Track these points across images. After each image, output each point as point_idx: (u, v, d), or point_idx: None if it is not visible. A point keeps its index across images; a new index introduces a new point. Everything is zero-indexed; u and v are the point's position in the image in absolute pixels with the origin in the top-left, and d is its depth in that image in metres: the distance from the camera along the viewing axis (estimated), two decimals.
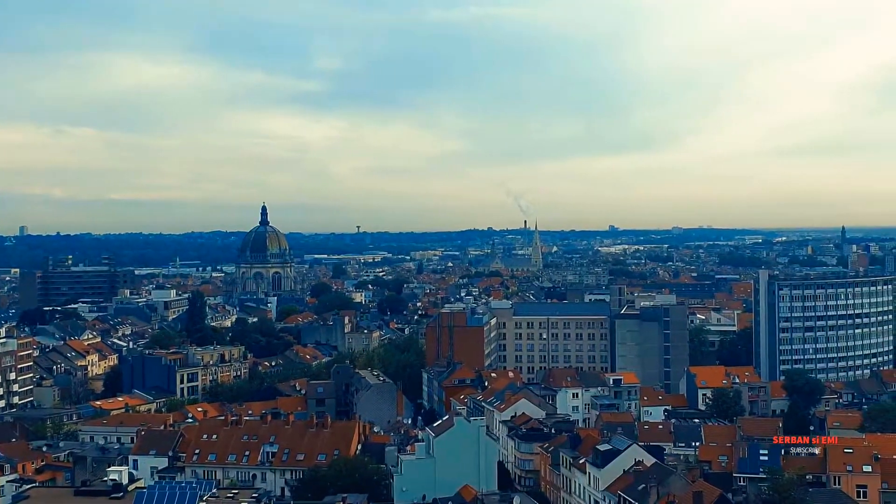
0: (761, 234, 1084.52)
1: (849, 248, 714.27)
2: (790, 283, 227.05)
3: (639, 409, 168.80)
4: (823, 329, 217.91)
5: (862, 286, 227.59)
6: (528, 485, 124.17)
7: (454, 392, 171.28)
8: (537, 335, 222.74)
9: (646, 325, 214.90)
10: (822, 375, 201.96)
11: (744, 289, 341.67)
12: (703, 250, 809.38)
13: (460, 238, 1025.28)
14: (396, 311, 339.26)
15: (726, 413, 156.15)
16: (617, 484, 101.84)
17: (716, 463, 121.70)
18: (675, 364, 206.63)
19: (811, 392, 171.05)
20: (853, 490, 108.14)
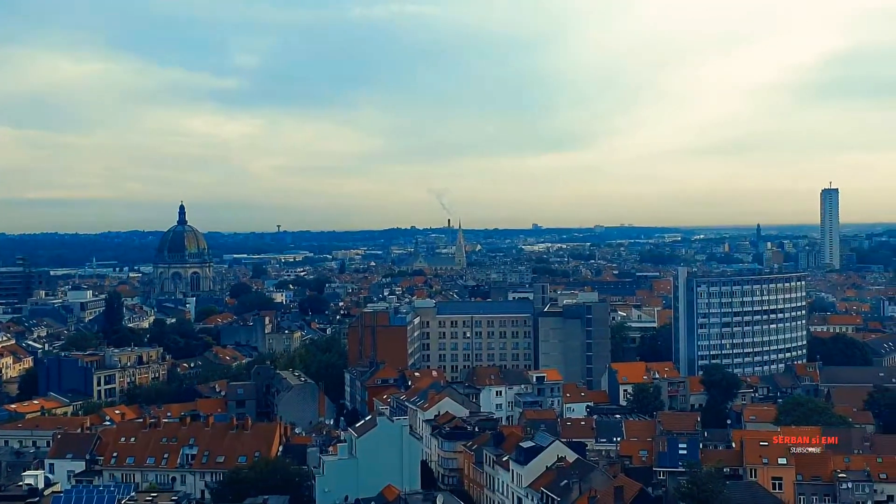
0: (680, 232, 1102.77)
1: (764, 246, 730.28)
2: (708, 280, 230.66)
3: (562, 405, 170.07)
4: (740, 325, 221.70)
5: (776, 282, 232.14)
6: (452, 483, 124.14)
7: (377, 392, 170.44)
8: (461, 334, 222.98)
9: (568, 323, 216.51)
10: (738, 370, 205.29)
11: (664, 286, 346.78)
12: (624, 248, 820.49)
13: (383, 237, 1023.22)
14: (318, 311, 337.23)
15: (647, 408, 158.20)
16: (540, 480, 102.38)
17: (636, 457, 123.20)
18: (597, 361, 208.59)
19: (728, 386, 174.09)
20: (769, 482, 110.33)
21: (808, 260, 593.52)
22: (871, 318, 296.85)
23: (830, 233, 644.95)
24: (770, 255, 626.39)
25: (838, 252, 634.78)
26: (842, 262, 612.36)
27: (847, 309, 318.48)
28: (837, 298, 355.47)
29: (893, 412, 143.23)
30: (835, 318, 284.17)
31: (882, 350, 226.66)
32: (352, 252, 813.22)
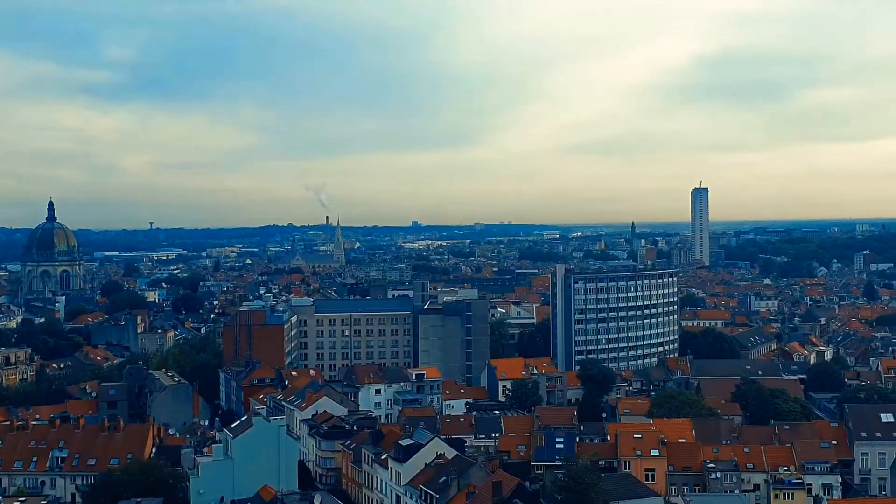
0: (558, 229, 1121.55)
1: (638, 243, 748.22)
2: (585, 276, 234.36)
3: (441, 402, 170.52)
4: (615, 320, 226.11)
5: (650, 278, 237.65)
6: (330, 483, 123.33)
7: (253, 392, 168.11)
8: (339, 332, 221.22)
9: (448, 320, 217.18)
10: (614, 364, 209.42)
11: (542, 283, 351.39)
12: (503, 245, 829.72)
13: (259, 234, 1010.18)
14: (192, 309, 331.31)
15: (525, 404, 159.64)
16: (419, 478, 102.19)
17: (515, 453, 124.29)
18: (476, 357, 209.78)
19: (604, 381, 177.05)
20: (642, 473, 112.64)
21: (679, 257, 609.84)
22: (739, 313, 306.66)
23: (701, 230, 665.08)
24: (644, 252, 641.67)
25: (708, 249, 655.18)
26: (711, 258, 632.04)
27: (716, 304, 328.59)
28: (707, 294, 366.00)
29: (759, 404, 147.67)
30: (704, 313, 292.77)
31: (749, 343, 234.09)
32: (227, 250, 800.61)
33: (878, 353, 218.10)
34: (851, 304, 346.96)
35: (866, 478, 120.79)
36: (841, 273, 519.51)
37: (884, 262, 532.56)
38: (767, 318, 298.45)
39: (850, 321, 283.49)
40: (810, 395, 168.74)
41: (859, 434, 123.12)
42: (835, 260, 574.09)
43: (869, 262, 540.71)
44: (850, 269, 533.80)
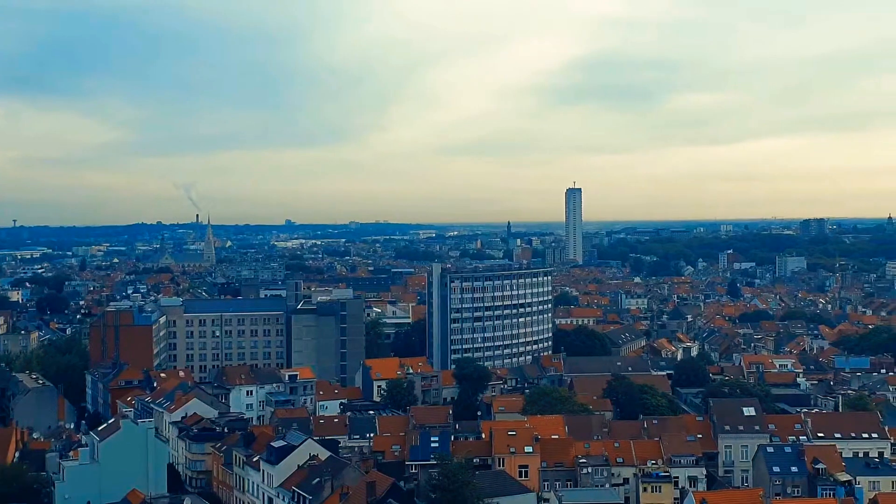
0: (435, 228, 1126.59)
1: (514, 242, 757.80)
2: (461, 275, 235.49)
3: (315, 403, 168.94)
4: (491, 318, 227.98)
5: (525, 277, 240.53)
6: (201, 486, 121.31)
7: (121, 394, 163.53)
8: (210, 333, 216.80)
9: (322, 320, 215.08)
10: (489, 363, 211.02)
11: (418, 282, 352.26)
12: (379, 244, 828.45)
13: (127, 232, 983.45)
14: (57, 310, 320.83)
15: (400, 403, 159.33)
16: (292, 479, 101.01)
17: (389, 452, 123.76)
18: (351, 357, 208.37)
19: (479, 379, 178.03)
20: (516, 470, 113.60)
21: (554, 256, 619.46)
22: (611, 311, 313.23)
23: (574, 230, 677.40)
24: (519, 251, 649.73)
25: (581, 248, 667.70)
26: (584, 257, 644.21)
27: (589, 302, 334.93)
28: (580, 292, 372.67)
29: (629, 399, 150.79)
30: (577, 311, 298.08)
31: (620, 340, 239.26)
32: (94, 248, 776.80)
33: (740, 348, 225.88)
34: (716, 301, 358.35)
35: (730, 470, 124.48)
36: (706, 272, 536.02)
37: (746, 262, 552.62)
38: (637, 316, 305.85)
39: (714, 318, 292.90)
40: (677, 390, 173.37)
41: (723, 427, 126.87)
42: (701, 259, 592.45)
43: (732, 261, 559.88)
44: (714, 268, 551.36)
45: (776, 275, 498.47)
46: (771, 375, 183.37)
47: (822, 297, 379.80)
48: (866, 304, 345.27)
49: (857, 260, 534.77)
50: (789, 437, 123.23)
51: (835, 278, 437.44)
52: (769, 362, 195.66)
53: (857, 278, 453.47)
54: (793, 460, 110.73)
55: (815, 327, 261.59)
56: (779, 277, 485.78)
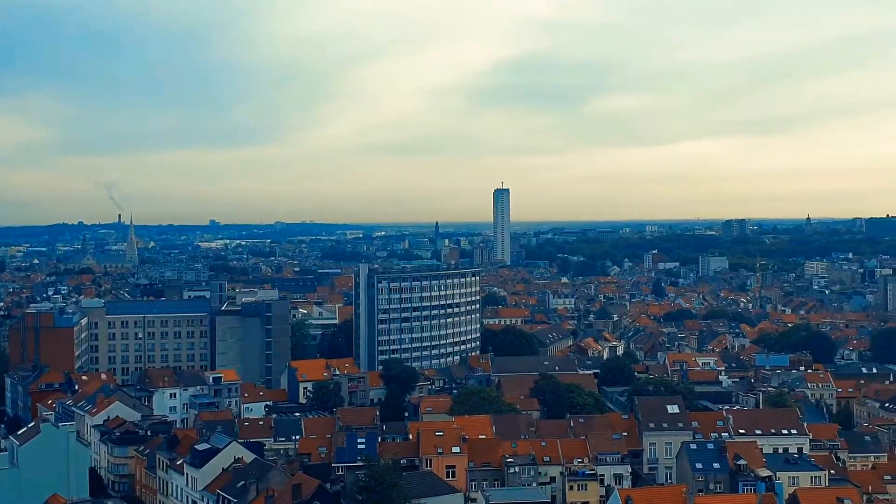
0: (362, 228, 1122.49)
1: (442, 243, 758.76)
2: (388, 276, 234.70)
3: (240, 405, 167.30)
4: (419, 319, 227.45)
5: (453, 278, 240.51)
6: (123, 490, 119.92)
7: (41, 397, 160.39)
8: (132, 335, 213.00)
9: (247, 322, 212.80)
10: (417, 363, 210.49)
11: (345, 282, 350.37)
12: (305, 245, 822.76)
13: (48, 233, 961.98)
14: None
15: (326, 405, 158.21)
16: (216, 483, 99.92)
17: (315, 455, 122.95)
18: (276, 359, 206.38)
19: (406, 380, 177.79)
20: (443, 470, 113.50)
21: (482, 256, 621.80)
22: (538, 311, 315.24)
23: (502, 230, 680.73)
24: (447, 251, 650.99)
25: (509, 249, 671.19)
26: (512, 258, 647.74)
27: (516, 302, 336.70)
28: (508, 292, 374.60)
29: (556, 398, 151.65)
30: (505, 311, 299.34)
31: (547, 340, 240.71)
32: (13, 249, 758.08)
33: (665, 347, 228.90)
34: (641, 301, 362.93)
35: (654, 466, 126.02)
36: (632, 271, 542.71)
37: (671, 262, 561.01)
38: (565, 316, 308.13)
39: (640, 317, 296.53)
40: (604, 388, 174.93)
41: (648, 425, 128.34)
42: (626, 259, 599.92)
43: (657, 261, 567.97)
44: (640, 268, 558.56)
45: (699, 274, 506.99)
46: (694, 373, 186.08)
47: (744, 296, 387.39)
48: (786, 303, 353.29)
49: (776, 260, 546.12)
50: (712, 434, 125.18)
51: (755, 278, 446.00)
52: (692, 360, 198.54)
53: (777, 278, 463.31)
54: (715, 457, 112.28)
55: (737, 326, 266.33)
56: (702, 277, 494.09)
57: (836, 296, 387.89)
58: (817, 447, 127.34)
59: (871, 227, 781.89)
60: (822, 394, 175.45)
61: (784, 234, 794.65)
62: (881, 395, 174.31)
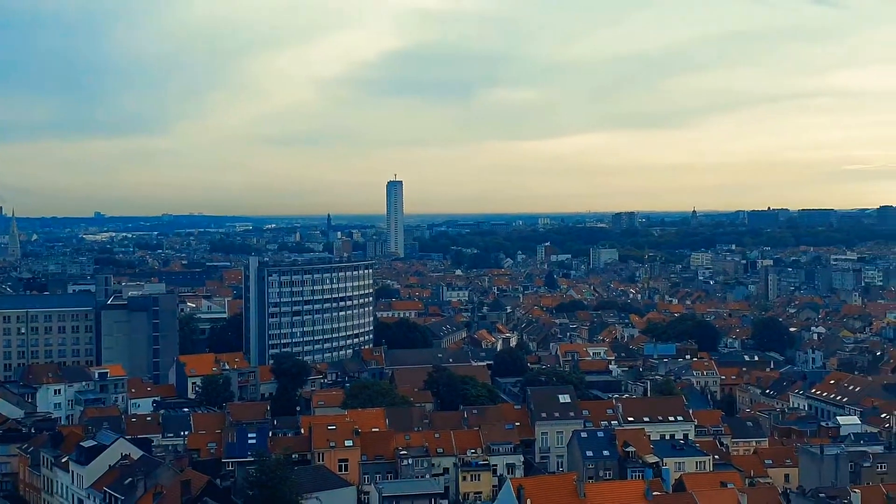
0: (251, 221, 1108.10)
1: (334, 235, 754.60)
2: (279, 269, 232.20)
3: (127, 401, 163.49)
4: (310, 312, 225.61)
5: (346, 271, 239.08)
6: (6, 489, 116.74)
7: None
8: (15, 330, 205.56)
9: (134, 316, 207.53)
10: (308, 357, 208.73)
11: (234, 276, 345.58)
12: (194, 237, 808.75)
13: None
14: None
15: (216, 400, 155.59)
16: (103, 480, 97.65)
17: (205, 450, 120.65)
18: (164, 354, 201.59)
19: (298, 374, 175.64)
20: (336, 464, 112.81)
21: (375, 249, 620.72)
22: (432, 303, 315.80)
23: (395, 223, 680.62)
24: (340, 244, 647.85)
25: (402, 241, 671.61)
26: (406, 250, 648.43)
27: (410, 295, 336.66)
28: (401, 285, 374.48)
29: (450, 390, 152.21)
30: (399, 304, 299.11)
31: (441, 332, 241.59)
32: None
33: (557, 338, 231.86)
34: (534, 292, 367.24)
35: (546, 456, 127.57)
36: (525, 264, 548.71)
37: (563, 254, 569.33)
38: (458, 308, 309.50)
39: (532, 309, 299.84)
40: (497, 379, 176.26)
41: (540, 415, 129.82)
42: (520, 251, 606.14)
43: (550, 253, 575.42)
44: (533, 260, 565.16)
45: (590, 266, 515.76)
46: (585, 363, 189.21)
47: (633, 287, 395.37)
48: (673, 294, 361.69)
49: (664, 252, 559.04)
50: (602, 423, 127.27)
51: (644, 269, 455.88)
52: (584, 351, 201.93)
53: (665, 269, 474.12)
54: (605, 444, 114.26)
55: (626, 316, 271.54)
56: (593, 269, 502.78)
57: (720, 286, 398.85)
58: (702, 433, 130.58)
59: (754, 219, 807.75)
60: (706, 381, 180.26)
61: (671, 226, 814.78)
62: (762, 382, 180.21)
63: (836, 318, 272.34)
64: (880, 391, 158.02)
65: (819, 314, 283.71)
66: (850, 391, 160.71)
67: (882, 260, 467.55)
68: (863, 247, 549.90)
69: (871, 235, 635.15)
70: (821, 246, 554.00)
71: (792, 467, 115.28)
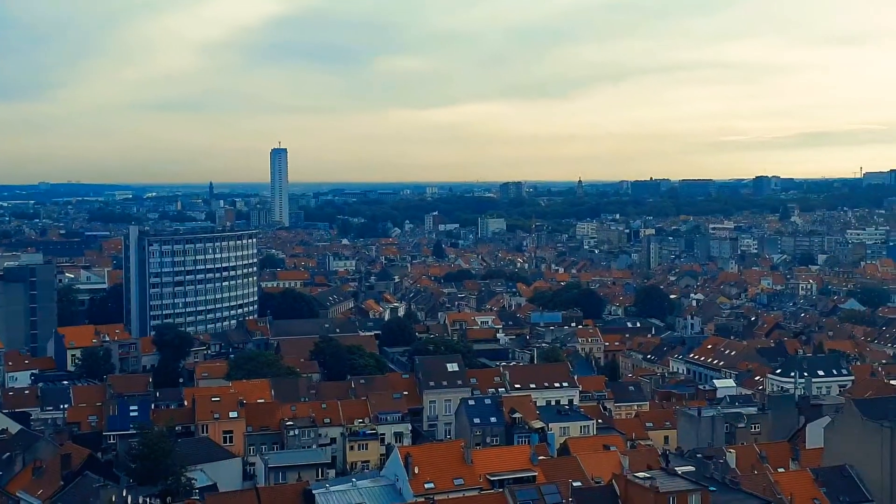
0: (131, 189, 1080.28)
1: (217, 204, 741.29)
2: (160, 238, 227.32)
3: (4, 374, 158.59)
4: (193, 283, 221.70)
5: (229, 240, 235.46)
6: None
7: None
8: None
9: (10, 287, 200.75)
10: (192, 328, 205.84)
11: (114, 245, 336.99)
12: (72, 206, 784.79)
13: None
14: None
15: (96, 372, 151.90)
16: None
17: (85, 424, 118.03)
18: (42, 326, 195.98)
19: (181, 345, 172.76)
20: (220, 436, 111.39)
21: (259, 218, 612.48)
22: (318, 273, 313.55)
23: (280, 191, 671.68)
24: (223, 213, 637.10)
25: (288, 210, 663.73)
26: (291, 219, 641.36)
27: (296, 265, 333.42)
28: (287, 255, 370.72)
29: (336, 360, 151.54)
30: (284, 274, 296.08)
31: (328, 302, 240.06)
32: None
33: (445, 307, 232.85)
34: (422, 262, 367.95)
35: (434, 424, 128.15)
36: (413, 233, 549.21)
37: (451, 223, 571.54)
38: (345, 278, 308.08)
39: (420, 278, 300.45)
40: (385, 349, 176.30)
41: (428, 384, 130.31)
42: (407, 221, 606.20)
43: (438, 223, 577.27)
44: (421, 230, 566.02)
45: (478, 236, 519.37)
46: (473, 332, 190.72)
47: (520, 256, 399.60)
48: (559, 263, 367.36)
49: (551, 221, 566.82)
50: (489, 390, 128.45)
51: (531, 239, 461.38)
52: (471, 319, 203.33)
53: (551, 238, 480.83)
54: (492, 411, 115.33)
55: (514, 285, 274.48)
56: (481, 238, 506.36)
57: (604, 255, 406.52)
58: (586, 398, 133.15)
59: (637, 189, 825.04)
60: (591, 348, 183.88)
61: (558, 196, 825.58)
62: (643, 348, 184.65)
63: (713, 286, 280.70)
64: (754, 355, 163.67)
65: (698, 281, 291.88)
66: (726, 355, 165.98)
67: (757, 228, 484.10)
68: (739, 216, 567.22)
69: (747, 205, 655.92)
70: (700, 215, 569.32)
71: (671, 429, 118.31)
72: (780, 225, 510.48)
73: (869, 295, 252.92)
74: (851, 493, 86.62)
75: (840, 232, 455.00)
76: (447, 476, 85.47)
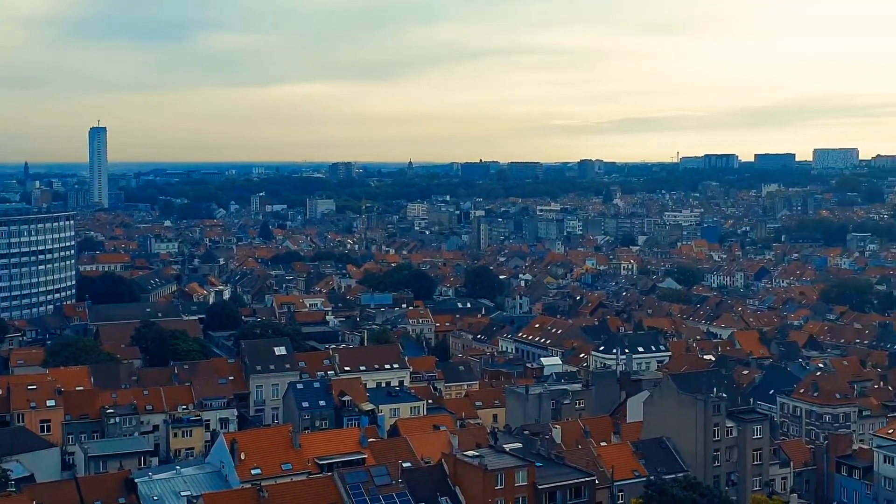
0: None
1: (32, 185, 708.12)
2: None
3: None
4: (7, 267, 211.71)
5: (45, 222, 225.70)
6: None
7: None
8: None
9: None
10: (6, 314, 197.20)
11: None
12: None
13: None
14: None
15: None
16: None
17: None
18: None
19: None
20: (37, 425, 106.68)
21: (77, 199, 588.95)
22: (139, 256, 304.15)
23: (99, 172, 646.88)
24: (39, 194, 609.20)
25: (107, 191, 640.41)
26: (111, 201, 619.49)
27: (116, 248, 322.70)
28: (106, 237, 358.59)
29: (158, 345, 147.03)
30: (104, 257, 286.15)
31: (149, 286, 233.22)
32: None
33: (272, 290, 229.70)
34: (248, 244, 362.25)
35: (261, 408, 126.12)
36: (239, 214, 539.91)
37: (278, 204, 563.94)
38: (168, 260, 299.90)
39: (247, 261, 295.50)
40: (209, 333, 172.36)
41: (255, 368, 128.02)
42: (233, 202, 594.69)
43: (264, 204, 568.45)
44: (247, 211, 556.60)
45: (307, 217, 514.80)
46: (302, 315, 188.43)
47: (350, 237, 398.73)
48: (389, 244, 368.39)
49: (381, 202, 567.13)
50: (318, 373, 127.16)
51: (361, 220, 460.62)
52: (300, 302, 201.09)
53: (382, 220, 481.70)
54: (321, 395, 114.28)
55: (344, 267, 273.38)
56: (310, 219, 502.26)
57: (435, 236, 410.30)
58: (417, 379, 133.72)
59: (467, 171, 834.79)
60: (422, 329, 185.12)
61: (388, 177, 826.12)
62: (473, 328, 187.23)
63: (541, 266, 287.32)
64: (580, 333, 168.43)
65: (526, 262, 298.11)
66: (552, 334, 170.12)
67: (582, 210, 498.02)
68: (565, 198, 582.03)
69: (572, 187, 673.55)
70: (528, 197, 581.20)
71: (500, 408, 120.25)
72: (604, 207, 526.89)
73: (684, 274, 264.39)
74: (668, 463, 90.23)
75: (658, 214, 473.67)
76: (275, 461, 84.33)
